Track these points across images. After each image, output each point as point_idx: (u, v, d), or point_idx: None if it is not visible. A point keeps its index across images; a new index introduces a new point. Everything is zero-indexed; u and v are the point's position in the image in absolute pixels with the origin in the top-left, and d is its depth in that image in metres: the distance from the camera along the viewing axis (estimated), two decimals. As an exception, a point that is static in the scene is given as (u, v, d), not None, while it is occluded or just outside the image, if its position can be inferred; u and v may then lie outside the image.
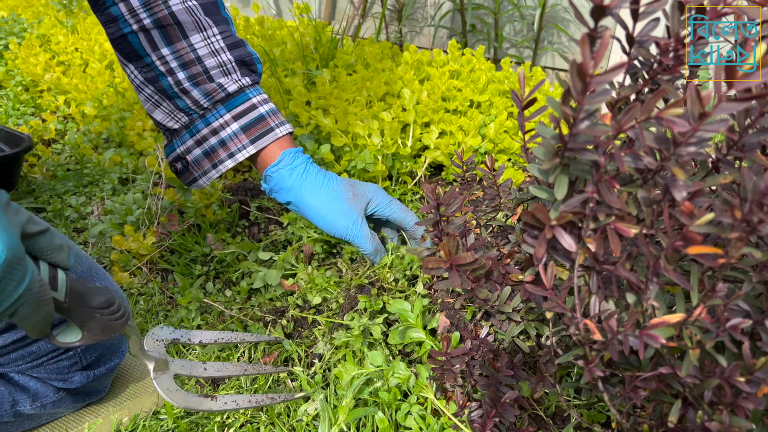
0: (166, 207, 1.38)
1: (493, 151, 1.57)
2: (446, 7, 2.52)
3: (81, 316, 0.67)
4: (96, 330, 0.69)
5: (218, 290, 1.22)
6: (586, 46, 0.45)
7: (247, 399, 0.85)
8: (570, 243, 0.56)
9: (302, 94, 1.62)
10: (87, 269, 0.85)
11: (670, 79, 0.56)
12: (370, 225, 1.11)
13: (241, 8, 3.32)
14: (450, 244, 0.77)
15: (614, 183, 0.51)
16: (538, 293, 0.64)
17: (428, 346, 0.96)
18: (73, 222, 1.47)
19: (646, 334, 0.53)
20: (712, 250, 0.49)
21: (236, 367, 0.89)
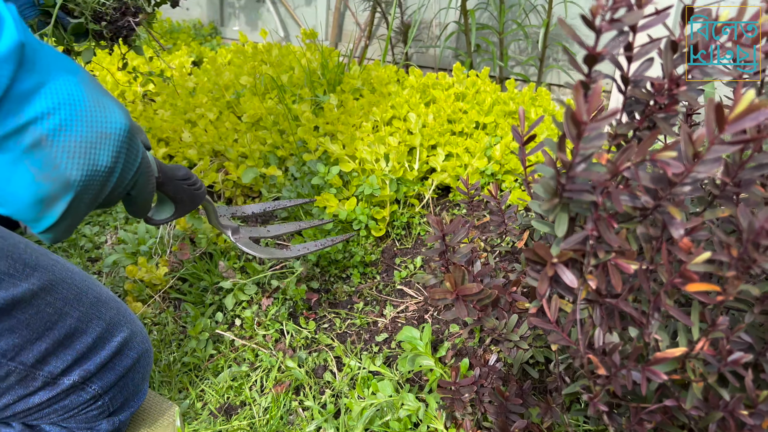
0: (178, 236, 1.40)
1: (499, 172, 1.58)
2: (451, 28, 2.55)
3: (173, 188, 0.74)
4: (186, 200, 0.77)
5: (230, 318, 1.23)
6: (580, 94, 0.46)
7: (314, 244, 1.03)
8: (572, 279, 0.57)
9: (310, 120, 1.65)
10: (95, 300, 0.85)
11: (665, 117, 0.57)
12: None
13: (249, 32, 3.37)
14: (456, 275, 0.79)
15: (612, 222, 0.52)
16: (543, 326, 0.65)
17: (438, 373, 0.97)
18: (87, 251, 1.49)
19: (648, 369, 0.54)
20: (710, 287, 0.50)
21: (291, 225, 1.03)
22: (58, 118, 0.50)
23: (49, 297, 0.72)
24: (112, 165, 0.55)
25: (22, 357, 0.70)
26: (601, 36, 0.49)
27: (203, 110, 1.79)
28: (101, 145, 0.53)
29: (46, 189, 0.51)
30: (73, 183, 0.52)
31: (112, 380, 0.86)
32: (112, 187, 0.58)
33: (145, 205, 0.68)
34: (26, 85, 0.48)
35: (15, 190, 0.50)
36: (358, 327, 1.21)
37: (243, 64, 2.03)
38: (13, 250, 0.68)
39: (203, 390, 1.07)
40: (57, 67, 0.50)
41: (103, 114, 0.53)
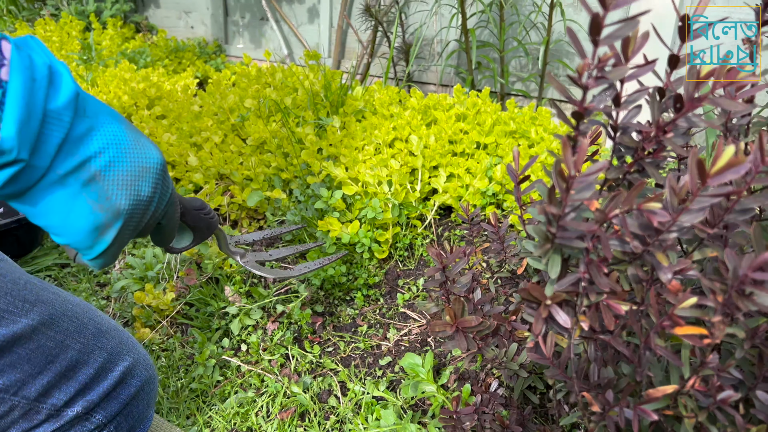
0: (185, 261, 1.42)
1: (500, 192, 1.60)
2: (452, 46, 2.58)
3: (191, 218, 0.81)
4: (203, 228, 0.84)
5: (236, 343, 1.26)
6: (568, 150, 0.48)
7: (314, 263, 1.10)
8: (565, 320, 0.59)
9: (314, 142, 1.67)
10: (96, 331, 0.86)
11: (653, 162, 0.59)
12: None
13: (253, 49, 3.41)
14: (456, 307, 0.81)
15: (603, 267, 0.54)
16: (539, 362, 0.67)
17: (440, 399, 0.99)
18: (96, 276, 1.52)
19: (639, 409, 0.55)
20: (697, 330, 0.51)
21: (290, 249, 1.09)
22: (108, 155, 0.57)
23: (50, 331, 0.74)
24: (152, 195, 0.62)
25: (24, 391, 0.72)
26: (588, 91, 0.51)
27: (209, 133, 1.82)
28: (143, 178, 0.60)
29: (101, 218, 0.58)
30: (122, 211, 0.59)
31: (116, 409, 0.87)
32: (150, 215, 0.64)
33: (171, 234, 0.75)
34: (81, 129, 0.54)
35: (75, 221, 0.57)
36: (362, 350, 1.23)
37: (247, 87, 2.06)
38: (12, 287, 0.70)
39: (210, 416, 1.09)
40: (101, 112, 0.58)
41: (142, 151, 0.60)
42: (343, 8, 2.89)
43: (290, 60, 3.26)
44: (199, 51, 3.34)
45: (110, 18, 3.47)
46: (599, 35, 0.47)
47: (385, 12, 2.63)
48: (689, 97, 0.54)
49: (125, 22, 3.72)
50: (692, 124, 0.55)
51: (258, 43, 3.40)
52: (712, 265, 0.63)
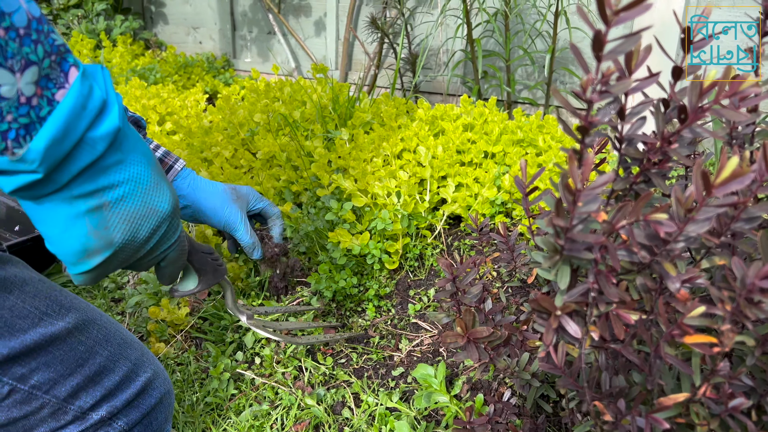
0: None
1: (509, 201, 1.61)
2: (458, 56, 2.59)
3: (198, 260, 0.83)
4: (209, 273, 0.85)
5: (249, 356, 1.27)
6: (574, 164, 0.49)
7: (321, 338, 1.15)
8: (575, 329, 0.60)
9: (323, 155, 1.69)
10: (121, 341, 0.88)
11: (659, 172, 0.60)
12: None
13: (261, 63, 3.45)
14: (467, 318, 0.81)
15: (611, 277, 0.55)
16: (551, 371, 0.68)
17: (453, 410, 0.99)
18: (110, 292, 1.54)
19: (651, 417, 0.56)
20: (706, 339, 0.52)
21: (300, 323, 1.14)
22: (122, 190, 0.59)
23: (82, 336, 0.77)
24: (149, 237, 0.64)
25: (55, 391, 0.75)
26: (593, 105, 0.52)
27: (219, 148, 1.84)
28: (146, 220, 0.63)
29: (93, 243, 0.61)
30: (114, 243, 0.62)
31: (137, 418, 0.89)
32: (143, 254, 0.67)
33: (173, 276, 0.78)
34: (109, 161, 0.57)
35: (68, 238, 0.60)
36: (374, 362, 1.24)
37: (256, 101, 2.08)
38: (50, 292, 0.74)
39: (225, 430, 1.11)
40: (135, 149, 0.60)
41: (157, 194, 0.63)
42: (349, 21, 2.91)
43: (298, 73, 3.29)
44: (208, 66, 3.38)
45: (120, 36, 3.52)
46: (602, 51, 0.48)
47: (391, 24, 2.65)
48: (693, 108, 0.55)
49: (135, 39, 3.77)
50: (697, 135, 0.56)
51: (266, 57, 3.44)
52: (721, 274, 0.63)
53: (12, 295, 0.67)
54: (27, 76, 0.49)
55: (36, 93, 0.50)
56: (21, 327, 0.67)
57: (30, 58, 0.49)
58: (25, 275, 0.70)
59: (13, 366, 0.68)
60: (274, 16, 3.22)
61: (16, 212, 1.74)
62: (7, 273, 0.67)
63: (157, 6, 3.88)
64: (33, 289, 0.70)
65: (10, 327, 0.66)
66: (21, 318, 0.68)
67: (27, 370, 0.70)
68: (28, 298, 0.69)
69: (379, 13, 2.70)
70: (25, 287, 0.69)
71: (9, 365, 0.67)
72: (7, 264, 0.68)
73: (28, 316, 0.68)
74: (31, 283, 0.70)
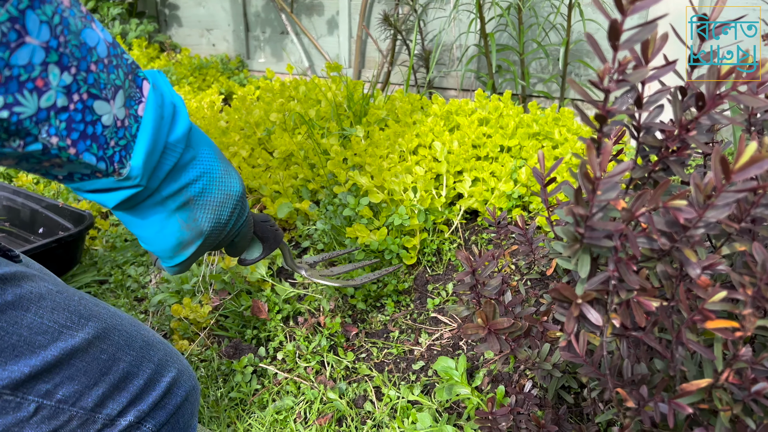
0: (220, 273, 1.46)
1: (526, 194, 1.61)
2: (472, 51, 2.59)
3: (260, 229, 0.87)
4: (271, 239, 0.90)
5: (272, 352, 1.28)
6: (592, 153, 0.50)
7: (372, 274, 1.15)
8: (597, 318, 0.60)
9: (339, 153, 1.70)
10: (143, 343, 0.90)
11: (677, 160, 0.60)
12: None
13: (275, 63, 3.47)
14: (487, 310, 0.82)
15: (631, 265, 0.55)
16: (573, 360, 0.68)
17: (475, 401, 1.00)
18: (133, 291, 1.57)
19: (674, 402, 0.56)
20: (728, 324, 0.52)
21: (351, 265, 1.14)
22: (201, 184, 0.63)
23: (103, 344, 0.78)
24: (229, 218, 0.69)
25: (82, 402, 0.76)
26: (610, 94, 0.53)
27: (236, 148, 1.86)
28: (225, 205, 0.67)
29: (186, 236, 0.65)
30: (204, 232, 0.67)
31: (164, 418, 0.91)
32: (225, 235, 0.71)
33: (243, 248, 0.83)
34: (186, 158, 0.61)
35: (165, 236, 0.64)
36: (395, 356, 1.25)
37: (272, 101, 2.10)
38: (69, 303, 0.74)
39: (250, 424, 1.12)
40: (202, 143, 0.64)
41: (228, 181, 0.67)
42: (361, 19, 2.92)
43: (311, 72, 3.30)
44: (222, 67, 3.41)
45: (135, 39, 3.56)
46: (618, 40, 0.49)
47: (404, 20, 2.66)
48: (711, 95, 0.56)
49: (150, 42, 3.81)
50: (715, 122, 0.56)
51: (279, 57, 3.46)
52: (741, 260, 0.63)
53: (29, 313, 0.67)
54: (117, 101, 0.52)
55: (126, 114, 0.53)
56: (41, 343, 0.68)
57: (116, 84, 0.52)
58: (42, 289, 0.70)
59: (37, 383, 0.69)
60: (286, 15, 3.24)
61: (40, 215, 1.78)
62: (23, 290, 0.67)
63: (171, 9, 3.92)
64: (51, 303, 0.71)
65: (30, 345, 0.67)
66: (40, 334, 0.68)
67: (51, 385, 0.70)
68: (46, 312, 0.69)
69: (391, 9, 2.71)
70: (42, 302, 0.69)
71: (33, 383, 0.68)
72: (23, 280, 0.68)
73: (47, 331, 0.69)
74: (48, 297, 0.71)
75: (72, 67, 0.47)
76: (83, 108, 0.49)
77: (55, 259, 1.54)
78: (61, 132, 0.48)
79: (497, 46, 2.37)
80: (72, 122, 0.48)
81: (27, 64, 0.43)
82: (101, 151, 0.51)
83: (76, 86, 0.47)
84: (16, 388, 0.67)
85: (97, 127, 0.50)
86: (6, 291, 0.65)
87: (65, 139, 0.48)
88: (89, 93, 0.49)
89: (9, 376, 0.65)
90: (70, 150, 0.49)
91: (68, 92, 0.47)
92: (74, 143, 0.49)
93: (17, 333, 0.66)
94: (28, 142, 0.46)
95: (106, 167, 0.52)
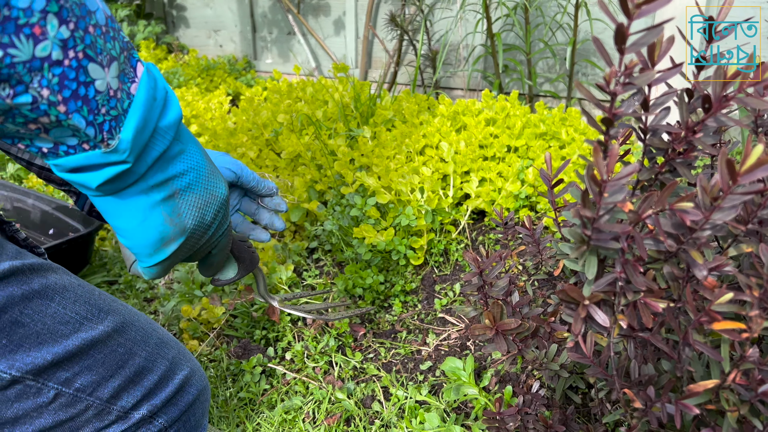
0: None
1: (533, 194, 1.61)
2: (478, 51, 2.59)
3: (237, 248, 0.85)
4: (247, 261, 0.87)
5: (280, 352, 1.29)
6: (599, 155, 0.50)
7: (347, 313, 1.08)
8: (604, 319, 0.60)
9: (346, 153, 1.71)
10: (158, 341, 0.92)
11: (684, 162, 0.60)
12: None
13: (282, 64, 3.48)
14: (494, 310, 0.83)
15: (638, 266, 0.56)
16: (580, 361, 0.69)
17: (482, 401, 1.01)
18: (142, 292, 1.58)
19: (681, 403, 0.57)
20: (735, 325, 0.53)
21: (324, 304, 1.11)
22: (188, 178, 0.63)
23: (121, 338, 0.80)
24: (212, 221, 0.68)
25: (98, 392, 0.77)
26: (617, 97, 0.53)
27: (244, 149, 1.87)
28: (209, 205, 0.66)
29: (169, 231, 0.64)
30: (187, 230, 0.65)
31: (176, 415, 0.92)
32: (206, 240, 0.69)
33: (219, 265, 0.80)
34: (174, 150, 0.61)
35: (147, 228, 0.63)
36: (402, 356, 1.26)
37: (279, 102, 2.11)
38: (90, 297, 0.77)
39: (259, 424, 1.13)
40: (191, 141, 0.64)
41: (214, 181, 0.66)
42: (368, 19, 2.93)
43: (318, 72, 3.31)
44: (230, 68, 3.43)
45: (143, 41, 3.58)
46: (624, 44, 0.49)
47: (410, 20, 2.66)
48: (717, 97, 0.56)
49: (157, 43, 3.83)
50: (721, 124, 0.56)
51: (286, 58, 3.47)
52: (748, 261, 0.64)
53: (53, 302, 0.69)
54: (112, 70, 0.52)
55: (119, 87, 0.53)
56: (63, 333, 0.70)
57: (112, 54, 0.52)
58: (65, 281, 0.72)
59: (58, 371, 0.71)
60: (293, 16, 3.25)
61: (50, 216, 1.79)
62: (48, 281, 0.69)
63: (178, 10, 3.94)
64: (73, 295, 0.73)
65: (53, 333, 0.69)
66: (63, 324, 0.70)
67: (71, 374, 0.72)
68: (69, 303, 0.72)
69: (398, 10, 2.71)
70: (66, 293, 0.72)
71: (54, 370, 0.70)
72: (48, 272, 0.70)
73: (69, 321, 0.71)
74: (71, 289, 0.73)
75: (71, 23, 0.47)
76: (78, 66, 0.49)
77: (66, 259, 1.56)
78: (53, 86, 0.47)
79: (504, 45, 2.37)
80: (65, 78, 0.48)
81: (27, 8, 0.43)
82: (92, 116, 0.51)
83: (73, 42, 0.47)
84: (38, 374, 0.69)
85: (90, 90, 0.50)
86: (33, 280, 0.67)
87: (56, 95, 0.48)
88: (85, 53, 0.49)
89: (32, 362, 0.67)
90: (59, 107, 0.48)
91: (64, 46, 0.47)
92: (65, 101, 0.49)
93: (42, 321, 0.68)
94: (18, 92, 0.46)
95: (95, 134, 0.52)
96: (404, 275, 1.47)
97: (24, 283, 0.66)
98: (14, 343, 0.67)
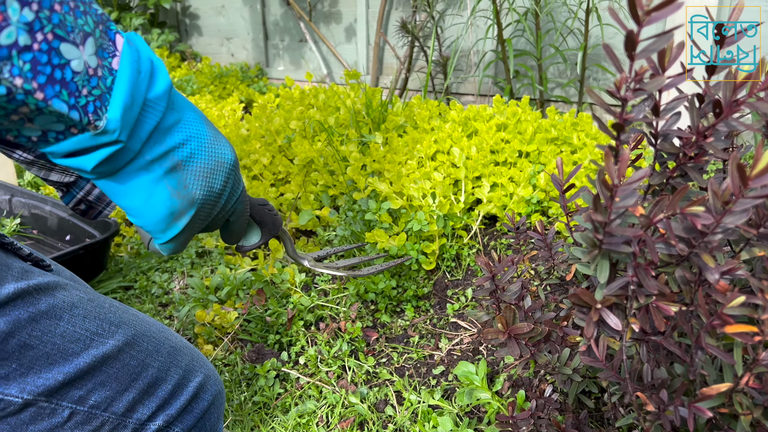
0: (253, 279, 1.48)
1: (545, 199, 1.61)
2: (489, 56, 2.60)
3: (258, 213, 0.84)
4: (269, 224, 0.86)
5: (294, 357, 1.30)
6: (610, 160, 0.51)
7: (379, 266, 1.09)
8: (616, 322, 0.61)
9: (358, 159, 1.72)
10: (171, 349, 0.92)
11: (695, 166, 0.61)
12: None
13: (293, 71, 3.51)
14: (507, 315, 0.83)
15: (650, 270, 0.56)
16: (593, 364, 0.69)
17: (495, 406, 1.01)
18: (158, 297, 1.60)
19: (694, 407, 0.57)
20: (747, 328, 0.53)
21: (357, 259, 1.10)
22: (190, 147, 0.61)
23: (133, 351, 0.80)
24: (223, 188, 0.66)
25: (113, 408, 0.78)
26: (627, 103, 0.54)
27: (257, 156, 1.89)
28: (217, 172, 0.64)
29: (177, 204, 0.63)
30: (196, 201, 0.64)
31: (191, 422, 0.92)
32: (219, 209, 0.68)
33: (240, 232, 0.79)
34: (170, 121, 0.59)
35: (154, 205, 0.62)
36: (415, 361, 1.26)
37: (291, 108, 2.13)
38: (99, 311, 0.76)
39: (273, 428, 1.14)
40: (187, 107, 0.62)
41: (218, 147, 0.64)
42: (379, 26, 2.95)
43: (330, 79, 3.34)
44: (242, 75, 3.46)
45: (157, 49, 3.62)
46: (634, 51, 0.50)
47: (421, 27, 2.68)
48: (727, 102, 0.56)
49: (171, 51, 3.88)
50: (732, 128, 0.57)
51: (298, 65, 3.50)
52: (761, 265, 0.64)
53: (62, 321, 0.69)
54: (88, 48, 0.50)
55: (98, 64, 0.51)
56: (74, 351, 0.69)
57: (85, 30, 0.50)
58: (74, 298, 0.72)
59: (71, 390, 0.70)
60: (305, 24, 3.28)
61: (67, 223, 1.82)
62: (56, 300, 0.69)
63: (191, 19, 3.99)
64: (82, 311, 0.72)
65: (64, 353, 0.68)
66: (73, 342, 0.69)
67: (84, 391, 0.72)
68: (78, 321, 0.71)
69: (408, 16, 2.73)
70: (75, 310, 0.71)
71: (66, 389, 0.70)
72: (56, 289, 0.69)
73: (79, 339, 0.70)
74: (80, 305, 0.72)
75: (33, 3, 0.44)
76: (49, 49, 0.46)
77: (83, 265, 1.58)
78: (26, 74, 0.45)
79: (515, 51, 2.38)
80: (37, 64, 0.46)
81: None
82: (73, 99, 0.49)
83: (39, 24, 0.45)
84: (51, 395, 0.69)
85: (66, 72, 0.48)
86: (40, 301, 0.66)
87: (31, 82, 0.45)
88: (54, 34, 0.46)
89: (44, 384, 0.67)
90: (36, 94, 0.46)
91: (30, 30, 0.45)
92: (41, 87, 0.46)
93: (51, 342, 0.67)
94: None
95: (80, 117, 0.50)
96: (416, 280, 1.47)
97: (30, 304, 0.65)
98: (24, 366, 0.66)
